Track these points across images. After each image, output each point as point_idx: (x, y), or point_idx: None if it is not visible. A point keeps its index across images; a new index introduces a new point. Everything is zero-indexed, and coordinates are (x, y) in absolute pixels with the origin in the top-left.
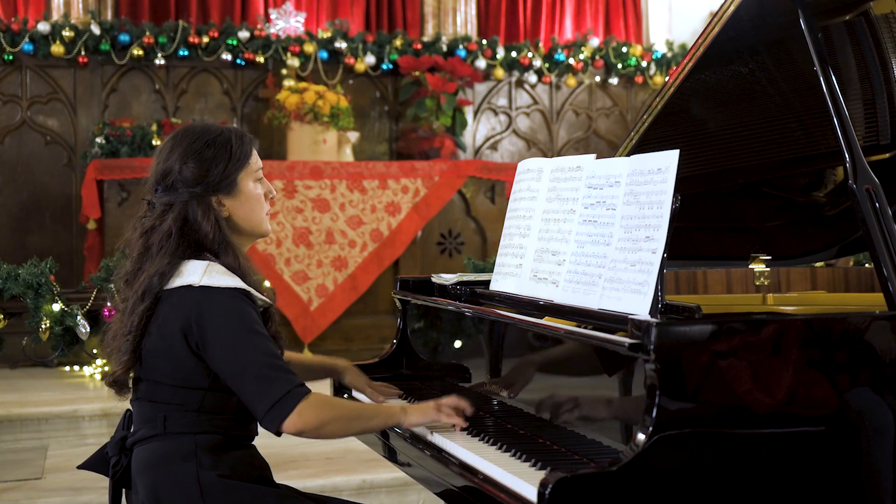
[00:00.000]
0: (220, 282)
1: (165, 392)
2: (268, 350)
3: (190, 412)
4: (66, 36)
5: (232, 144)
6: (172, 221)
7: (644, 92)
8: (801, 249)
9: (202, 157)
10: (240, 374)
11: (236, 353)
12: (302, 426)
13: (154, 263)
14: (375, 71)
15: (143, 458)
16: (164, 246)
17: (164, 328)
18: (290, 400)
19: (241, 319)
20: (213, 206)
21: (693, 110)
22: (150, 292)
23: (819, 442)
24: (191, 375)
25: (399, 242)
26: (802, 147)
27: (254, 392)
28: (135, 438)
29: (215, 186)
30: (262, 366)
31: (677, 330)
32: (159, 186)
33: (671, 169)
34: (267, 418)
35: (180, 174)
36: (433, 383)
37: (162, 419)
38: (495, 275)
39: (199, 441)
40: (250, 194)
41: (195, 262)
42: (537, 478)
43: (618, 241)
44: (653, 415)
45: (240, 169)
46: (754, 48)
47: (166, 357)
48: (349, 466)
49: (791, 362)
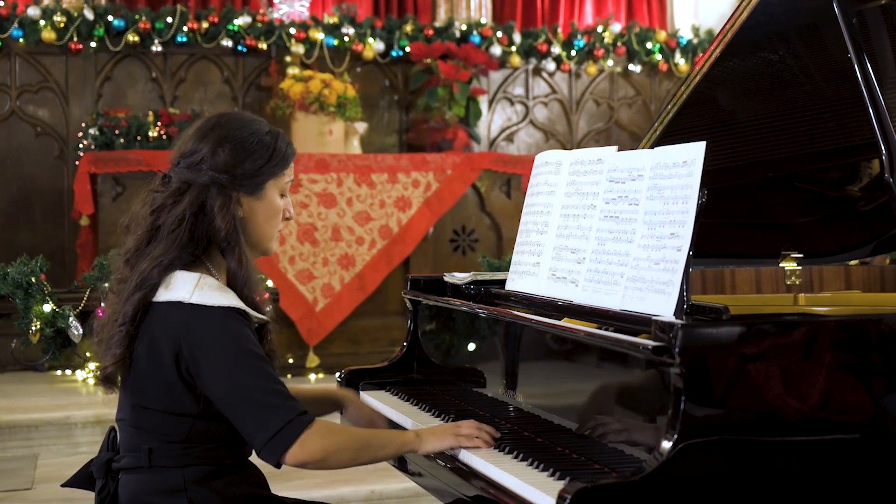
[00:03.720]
0: (211, 299)
1: (151, 419)
2: (265, 374)
3: (176, 444)
4: (58, 21)
5: (276, 147)
6: (188, 205)
7: (668, 80)
8: (835, 247)
9: (242, 146)
10: (235, 403)
11: (231, 379)
12: (304, 458)
13: (159, 249)
14: (384, 58)
15: (130, 490)
16: (174, 231)
17: (153, 350)
18: (292, 430)
19: (235, 341)
20: (232, 201)
21: (720, 100)
22: (148, 283)
23: (853, 450)
24: (179, 401)
25: (409, 239)
26: (836, 138)
27: (251, 422)
28: (120, 465)
29: (242, 182)
30: (260, 392)
31: (704, 332)
32: (182, 160)
33: (697, 162)
34: (266, 450)
35: (212, 156)
36: (446, 388)
37: (147, 452)
38: (511, 274)
39: (188, 475)
40: (271, 204)
41: (185, 274)
42: (556, 488)
43: (641, 238)
44: (678, 422)
45: (273, 175)
46: (785, 34)
47: (154, 381)
48: (357, 476)
49: (824, 366)
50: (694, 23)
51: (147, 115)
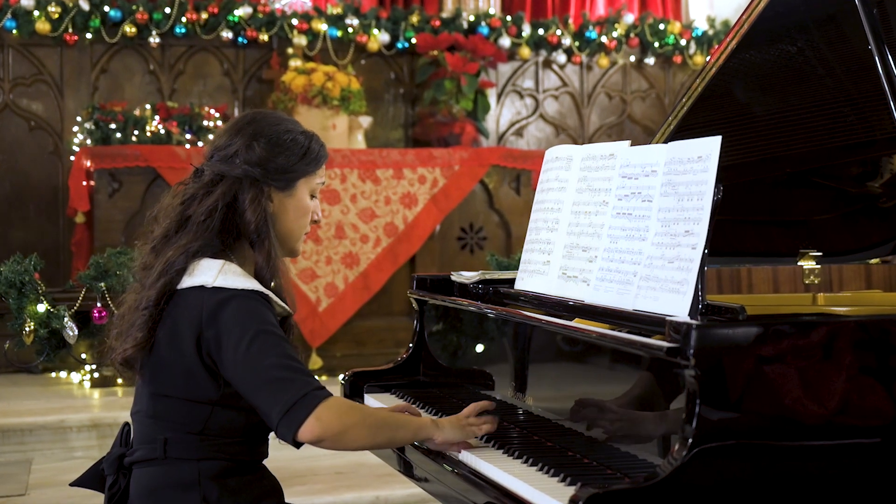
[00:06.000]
0: (235, 283)
1: (169, 406)
2: (284, 352)
3: (193, 435)
4: (52, 12)
5: (309, 147)
6: (220, 196)
7: (683, 73)
8: (855, 245)
9: (276, 141)
10: (253, 379)
11: (250, 356)
12: (321, 432)
13: (187, 238)
14: (390, 50)
15: (143, 484)
16: (204, 222)
17: (174, 333)
18: (308, 403)
19: (255, 321)
20: (264, 195)
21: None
22: (174, 269)
23: (874, 455)
24: (199, 387)
25: (415, 237)
26: (856, 133)
27: (267, 397)
28: (133, 459)
29: (274, 176)
30: (277, 367)
31: (719, 332)
32: (216, 154)
33: (713, 157)
34: (282, 424)
35: (246, 150)
36: (453, 391)
37: (162, 442)
38: (520, 273)
39: (203, 469)
40: (301, 202)
41: (210, 262)
42: (566, 494)
43: (654, 236)
44: (692, 425)
45: (305, 173)
46: (803, 25)
47: (175, 366)
48: (361, 481)
49: (844, 368)
50: (709, 13)
51: (145, 109)
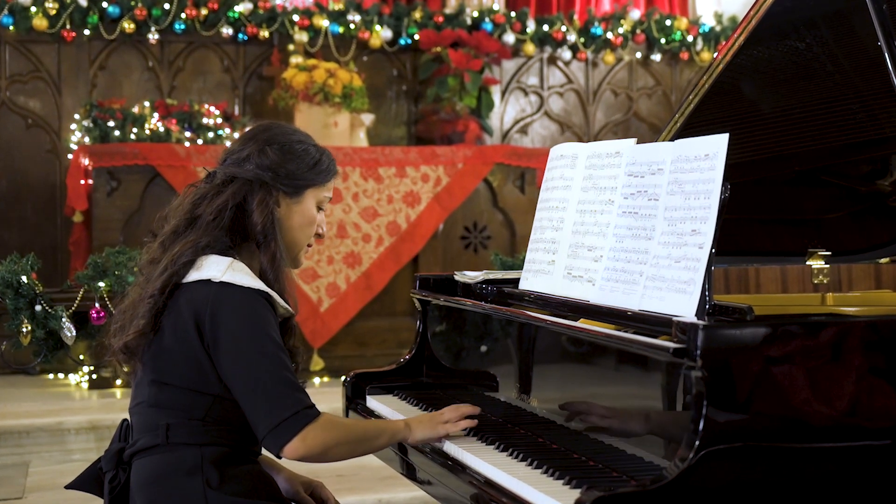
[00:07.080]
0: (242, 280)
1: (172, 395)
2: (279, 361)
3: (195, 421)
4: (50, 8)
5: (320, 159)
6: (229, 196)
7: (690, 70)
8: (864, 244)
9: (288, 148)
10: (245, 384)
11: (245, 360)
12: (304, 452)
13: (195, 234)
14: (392, 46)
15: (144, 473)
16: (213, 220)
17: (178, 323)
18: (296, 422)
19: (255, 324)
20: (272, 198)
21: (744, 90)
22: (180, 261)
23: (883, 457)
24: (202, 377)
25: (418, 236)
26: (865, 130)
27: (257, 408)
28: (134, 449)
29: (284, 181)
30: (271, 379)
31: (727, 333)
32: (229, 158)
33: (720, 155)
34: (269, 438)
35: (258, 154)
36: (456, 393)
37: (164, 428)
38: (525, 272)
39: (206, 453)
40: (308, 211)
41: (218, 258)
42: (572, 497)
43: (661, 235)
44: (699, 427)
45: (314, 182)
46: (812, 21)
47: (180, 356)
48: (363, 485)
49: (853, 369)
50: (716, 9)
51: (143, 107)
